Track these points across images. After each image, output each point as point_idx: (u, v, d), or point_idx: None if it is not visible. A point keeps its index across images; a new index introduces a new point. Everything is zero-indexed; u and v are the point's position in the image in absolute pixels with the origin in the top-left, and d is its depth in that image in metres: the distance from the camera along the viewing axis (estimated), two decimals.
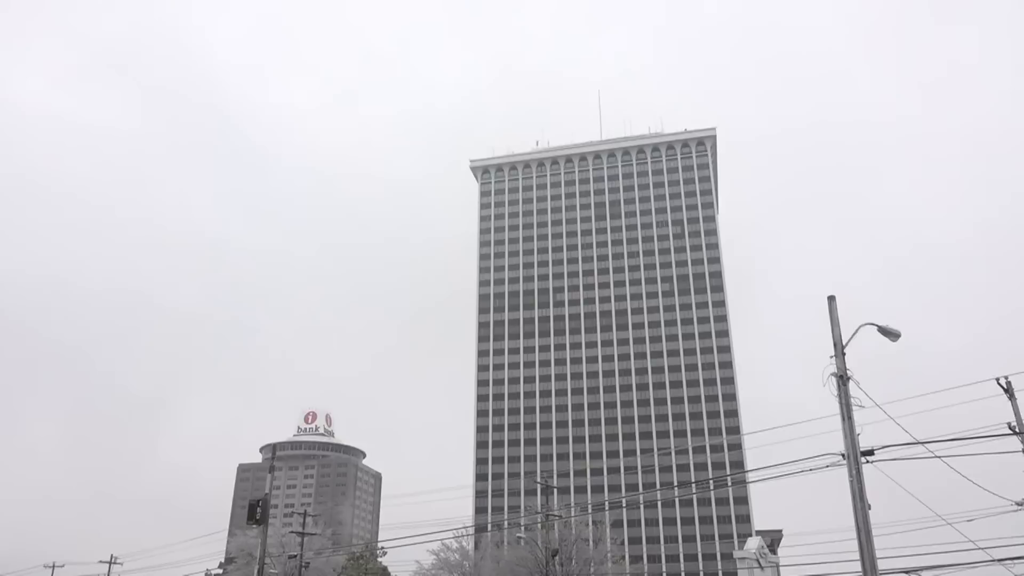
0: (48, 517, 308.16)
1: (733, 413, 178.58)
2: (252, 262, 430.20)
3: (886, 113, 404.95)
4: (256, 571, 36.44)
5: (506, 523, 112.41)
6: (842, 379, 18.61)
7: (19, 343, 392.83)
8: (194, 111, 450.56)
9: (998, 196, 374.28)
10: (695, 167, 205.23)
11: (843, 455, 18.67)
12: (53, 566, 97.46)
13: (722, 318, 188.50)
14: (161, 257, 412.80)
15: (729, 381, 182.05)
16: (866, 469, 18.57)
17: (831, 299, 19.97)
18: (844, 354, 18.94)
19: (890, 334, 19.77)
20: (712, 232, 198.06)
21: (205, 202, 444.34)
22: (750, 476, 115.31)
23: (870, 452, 19.03)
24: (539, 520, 72.06)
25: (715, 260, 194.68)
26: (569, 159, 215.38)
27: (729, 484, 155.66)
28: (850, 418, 18.35)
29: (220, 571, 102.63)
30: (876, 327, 19.67)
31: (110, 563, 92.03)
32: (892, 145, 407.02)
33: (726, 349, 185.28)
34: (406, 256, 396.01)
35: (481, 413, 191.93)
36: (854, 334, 19.30)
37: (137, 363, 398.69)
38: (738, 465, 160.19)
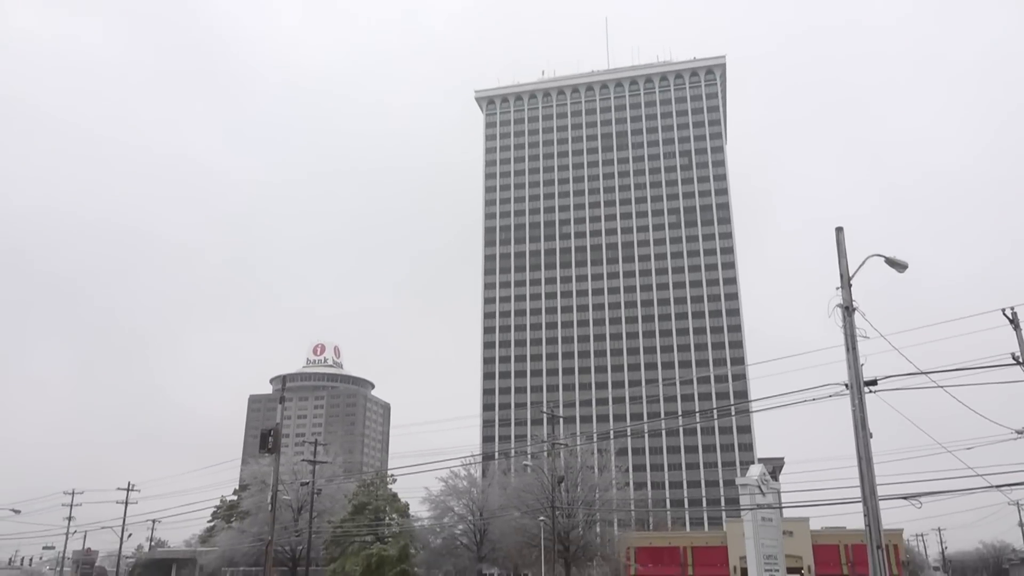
0: (60, 450, 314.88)
1: (738, 344, 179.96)
2: (248, 193, 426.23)
3: (897, 33, 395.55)
4: (269, 498, 37.42)
5: (513, 451, 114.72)
6: (847, 310, 18.66)
7: (17, 275, 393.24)
8: (183, 34, 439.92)
9: (1008, 122, 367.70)
10: (703, 96, 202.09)
11: (846, 385, 18.85)
12: (72, 494, 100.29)
13: (728, 250, 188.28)
14: (155, 187, 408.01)
15: (734, 312, 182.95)
16: (869, 399, 18.79)
17: (839, 231, 19.88)
18: (850, 286, 18.95)
19: (897, 265, 19.73)
20: (720, 163, 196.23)
21: (197, 129, 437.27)
22: (754, 406, 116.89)
23: (873, 382, 19.20)
24: (545, 448, 73.54)
25: (722, 192, 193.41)
26: (576, 89, 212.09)
27: (733, 413, 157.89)
28: (854, 349, 18.47)
29: (235, 498, 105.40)
30: (883, 258, 19.61)
31: (127, 491, 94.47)
32: (902, 69, 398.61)
33: (732, 281, 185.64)
34: (408, 187, 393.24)
35: (488, 345, 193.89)
36: (861, 266, 19.26)
37: (137, 296, 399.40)
38: (742, 395, 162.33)
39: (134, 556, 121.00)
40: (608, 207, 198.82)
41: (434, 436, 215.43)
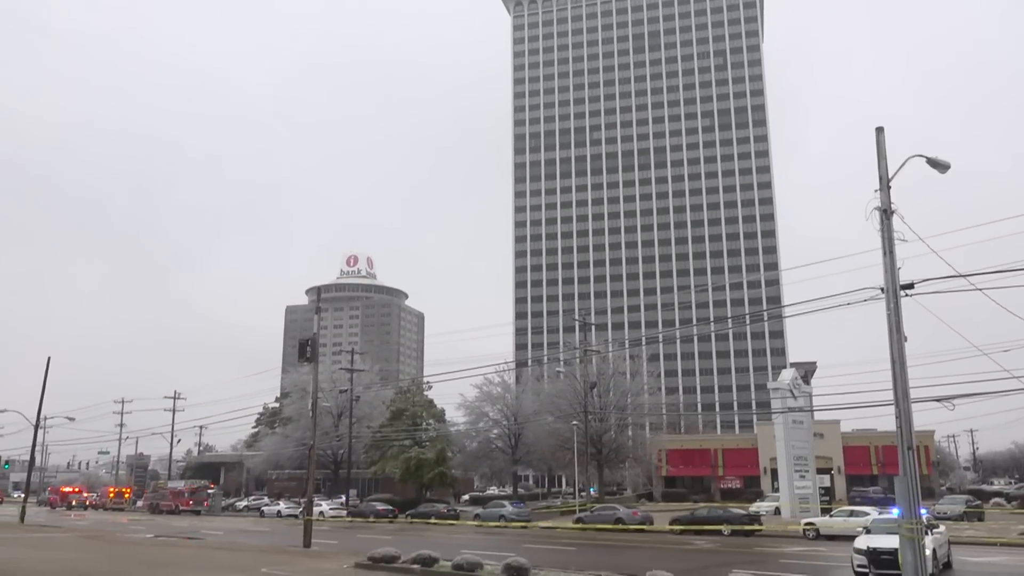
0: (104, 362, 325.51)
1: (772, 249, 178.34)
2: (271, 102, 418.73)
3: None
4: (310, 405, 38.59)
5: (546, 358, 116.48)
6: (886, 213, 18.23)
7: (49, 193, 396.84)
8: None
9: None
10: None
11: (882, 289, 18.62)
12: (122, 402, 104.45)
13: (763, 153, 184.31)
14: (176, 97, 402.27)
15: (768, 217, 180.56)
16: (904, 302, 18.56)
17: (879, 131, 19.22)
18: (889, 188, 18.46)
19: (939, 166, 19.14)
20: (756, 63, 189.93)
21: (217, 35, 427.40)
22: (787, 311, 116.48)
23: (910, 285, 18.92)
24: (578, 355, 74.43)
25: (758, 92, 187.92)
26: None
27: (765, 319, 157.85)
28: (891, 253, 18.13)
29: (277, 405, 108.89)
30: (925, 159, 19.01)
31: (174, 399, 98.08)
32: None
33: (767, 185, 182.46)
34: (437, 95, 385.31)
35: (519, 253, 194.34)
36: (901, 167, 18.68)
37: (164, 210, 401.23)
38: (775, 300, 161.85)
39: (184, 460, 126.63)
40: (640, 111, 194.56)
41: (468, 344, 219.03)
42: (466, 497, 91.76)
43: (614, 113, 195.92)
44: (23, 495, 68.60)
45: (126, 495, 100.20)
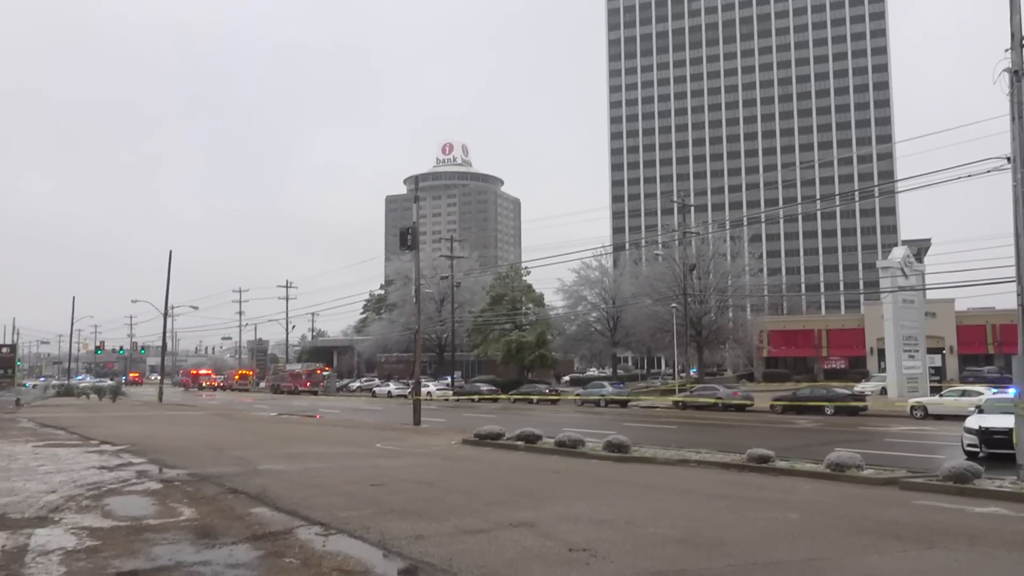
0: (215, 255, 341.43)
1: (885, 120, 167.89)
2: None
3: None
4: (413, 291, 39.85)
5: (644, 241, 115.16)
6: (1016, 74, 16.74)
7: (143, 91, 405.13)
8: None
9: None
10: None
11: (1008, 159, 17.35)
12: (240, 292, 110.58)
13: (879, 15, 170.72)
14: None
15: (883, 86, 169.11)
16: None
17: None
18: (1022, 46, 16.87)
19: None
20: None
21: None
22: (901, 185, 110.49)
23: None
24: (676, 237, 73.40)
25: None
26: None
27: (876, 195, 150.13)
28: (1021, 118, 16.76)
29: (382, 292, 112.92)
30: None
31: (287, 288, 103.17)
32: None
33: (881, 50, 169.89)
34: None
35: (615, 135, 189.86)
36: None
37: (258, 102, 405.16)
38: (887, 175, 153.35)
39: (299, 344, 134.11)
40: None
41: (565, 229, 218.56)
42: (566, 378, 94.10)
43: None
44: (159, 378, 74.73)
45: (250, 377, 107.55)
